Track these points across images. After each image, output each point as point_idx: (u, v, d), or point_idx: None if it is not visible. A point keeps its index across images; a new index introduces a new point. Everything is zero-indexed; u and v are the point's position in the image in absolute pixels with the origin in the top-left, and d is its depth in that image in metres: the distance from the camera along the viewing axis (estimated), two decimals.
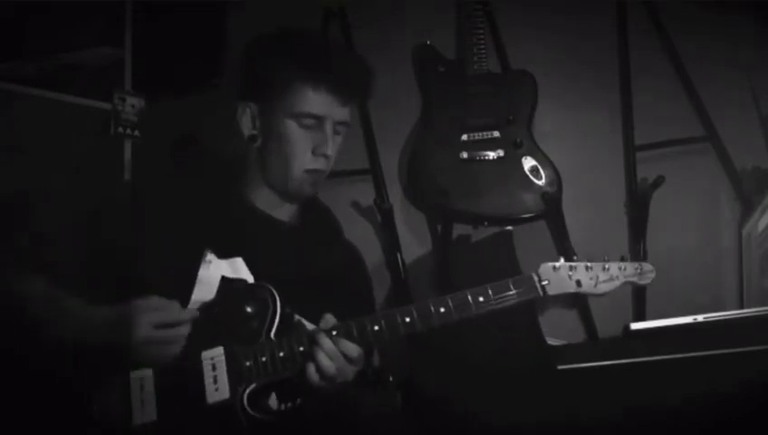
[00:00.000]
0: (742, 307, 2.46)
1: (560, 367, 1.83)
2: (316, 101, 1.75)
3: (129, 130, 2.67)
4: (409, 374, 2.08)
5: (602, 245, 2.59)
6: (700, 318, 1.83)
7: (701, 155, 2.63)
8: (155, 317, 1.58)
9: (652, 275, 1.73)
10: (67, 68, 2.59)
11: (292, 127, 1.77)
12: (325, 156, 1.78)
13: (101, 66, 2.66)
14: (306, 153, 1.78)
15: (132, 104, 2.67)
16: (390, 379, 1.92)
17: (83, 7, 2.61)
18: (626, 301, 2.57)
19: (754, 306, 2.11)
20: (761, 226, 2.42)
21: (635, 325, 1.86)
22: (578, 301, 2.59)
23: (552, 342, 2.38)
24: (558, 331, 2.48)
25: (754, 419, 1.72)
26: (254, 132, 1.82)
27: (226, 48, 2.73)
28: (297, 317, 1.71)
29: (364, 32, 2.74)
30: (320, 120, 1.77)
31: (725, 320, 1.84)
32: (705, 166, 2.63)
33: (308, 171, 1.79)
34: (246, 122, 1.83)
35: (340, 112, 1.79)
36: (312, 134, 1.77)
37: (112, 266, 1.71)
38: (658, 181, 2.46)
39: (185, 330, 1.61)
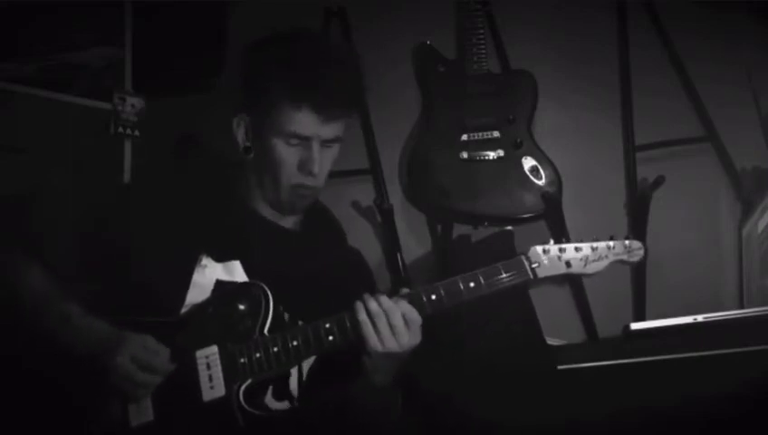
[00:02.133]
0: (742, 307, 2.46)
1: (560, 367, 1.83)
2: (300, 121, 1.73)
3: (129, 130, 2.67)
4: (409, 374, 2.08)
5: None
6: (700, 318, 1.83)
7: (701, 155, 2.63)
8: (140, 355, 1.57)
9: (641, 253, 1.74)
10: (67, 68, 2.59)
11: (278, 145, 1.76)
12: (312, 174, 1.76)
13: (101, 66, 2.66)
14: (293, 170, 1.77)
15: (132, 104, 2.67)
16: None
17: (83, 7, 2.61)
18: (626, 301, 2.57)
19: (754, 306, 2.12)
20: (761, 226, 2.42)
21: (635, 325, 1.86)
22: (577, 299, 2.59)
23: (551, 342, 2.38)
24: (558, 331, 2.48)
25: (754, 419, 1.72)
26: (248, 144, 1.82)
27: (226, 48, 2.73)
28: (291, 314, 1.71)
29: (364, 32, 2.74)
30: (305, 139, 1.75)
31: (725, 320, 1.84)
32: (705, 166, 2.63)
33: (295, 186, 1.78)
34: (241, 134, 1.82)
35: (328, 130, 1.75)
36: (299, 151, 1.76)
37: (111, 267, 1.71)
38: (658, 181, 2.46)
39: (158, 379, 1.59)
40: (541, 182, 2.54)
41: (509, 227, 2.56)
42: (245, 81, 1.82)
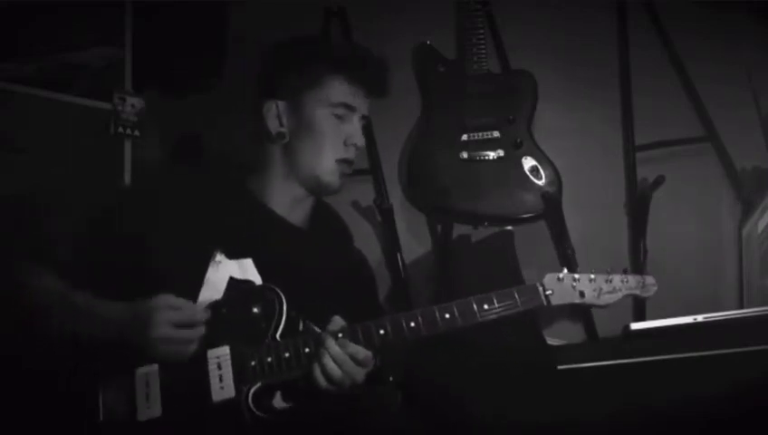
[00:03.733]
0: (742, 307, 2.46)
1: (560, 367, 1.83)
2: (349, 91, 1.84)
3: (129, 130, 2.67)
4: (409, 373, 2.09)
5: (602, 245, 2.60)
6: (700, 318, 1.83)
7: (701, 155, 2.63)
8: (174, 316, 1.59)
9: (654, 289, 1.79)
10: (67, 68, 2.59)
11: (325, 117, 1.83)
12: (356, 146, 1.85)
13: (101, 66, 2.66)
14: (339, 143, 1.84)
15: (132, 104, 2.67)
16: (391, 379, 1.93)
17: (83, 7, 2.61)
18: (626, 301, 2.56)
19: (754, 306, 2.11)
20: (761, 226, 2.42)
21: (635, 325, 1.86)
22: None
23: (552, 342, 2.39)
24: (558, 331, 2.49)
25: (754, 419, 1.72)
26: (282, 129, 1.85)
27: (227, 48, 2.73)
28: (304, 320, 1.72)
29: (364, 32, 2.74)
30: (351, 109, 1.84)
31: (725, 320, 1.84)
32: (705, 166, 2.63)
33: (339, 161, 1.84)
34: (273, 120, 1.85)
35: (366, 105, 1.88)
36: (343, 125, 1.84)
37: (122, 265, 1.71)
38: (658, 181, 2.46)
39: (201, 330, 1.63)
40: (541, 182, 2.54)
41: (509, 227, 2.56)
42: (282, 66, 1.88)
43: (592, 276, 1.75)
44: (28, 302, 1.67)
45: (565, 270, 1.75)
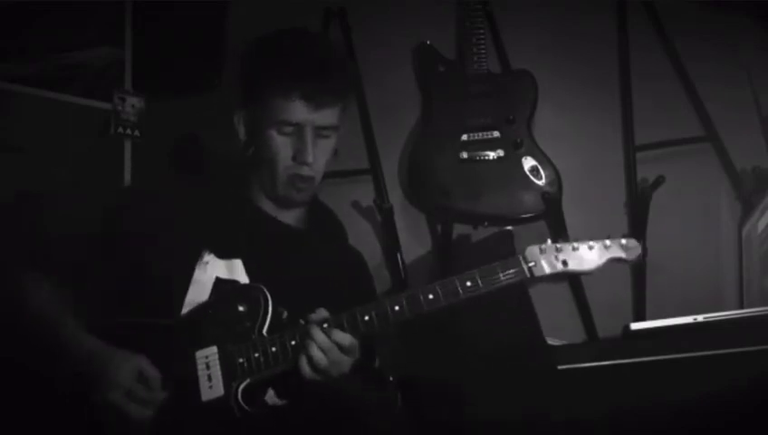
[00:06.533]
0: (742, 307, 2.46)
1: (560, 367, 1.83)
2: (290, 109, 1.74)
3: (129, 130, 2.67)
4: (409, 373, 2.09)
5: None
6: (700, 318, 1.83)
7: (701, 155, 2.63)
8: (131, 386, 1.56)
9: (638, 252, 1.73)
10: (67, 68, 2.59)
11: (272, 135, 1.78)
12: (306, 163, 1.78)
13: (101, 66, 2.66)
14: (288, 159, 1.78)
15: (132, 104, 2.67)
16: (390, 379, 1.93)
17: (83, 7, 2.61)
18: (626, 301, 2.57)
19: (754, 306, 2.11)
20: (761, 226, 2.42)
21: (635, 325, 1.86)
22: (577, 299, 2.59)
23: (551, 342, 2.38)
24: (558, 331, 2.48)
25: (754, 419, 1.72)
26: (247, 139, 1.85)
27: (226, 48, 2.73)
28: (290, 315, 1.72)
29: (364, 32, 2.75)
30: (298, 126, 1.76)
31: (725, 320, 1.84)
32: (705, 166, 2.63)
33: (292, 177, 1.79)
34: (241, 129, 1.85)
35: (320, 117, 1.76)
36: (292, 141, 1.77)
37: (115, 265, 1.71)
38: (658, 181, 2.46)
39: (150, 412, 1.57)
40: (541, 182, 2.54)
41: (509, 227, 2.57)
42: (241, 78, 1.85)
43: (575, 244, 1.72)
44: (21, 312, 1.66)
45: (549, 241, 1.72)
